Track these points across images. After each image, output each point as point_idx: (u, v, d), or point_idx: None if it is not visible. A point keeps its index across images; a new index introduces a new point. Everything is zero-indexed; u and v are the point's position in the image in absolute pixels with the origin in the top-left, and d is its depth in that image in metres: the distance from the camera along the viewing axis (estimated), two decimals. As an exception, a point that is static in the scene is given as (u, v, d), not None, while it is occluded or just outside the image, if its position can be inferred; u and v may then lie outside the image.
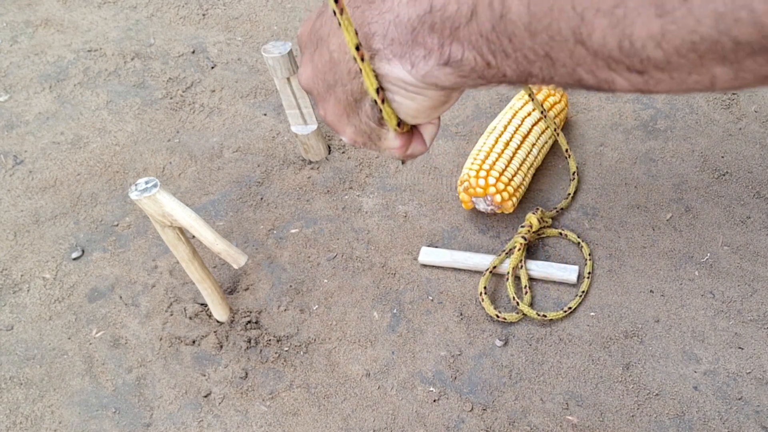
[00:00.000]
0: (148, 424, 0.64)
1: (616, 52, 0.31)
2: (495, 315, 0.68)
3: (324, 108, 0.46)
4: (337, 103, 0.45)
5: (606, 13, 0.30)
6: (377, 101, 0.41)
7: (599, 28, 0.31)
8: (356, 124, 0.45)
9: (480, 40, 0.36)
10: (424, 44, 0.38)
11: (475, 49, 0.36)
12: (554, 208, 0.76)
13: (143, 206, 0.56)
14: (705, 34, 0.28)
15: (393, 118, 0.43)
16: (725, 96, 0.88)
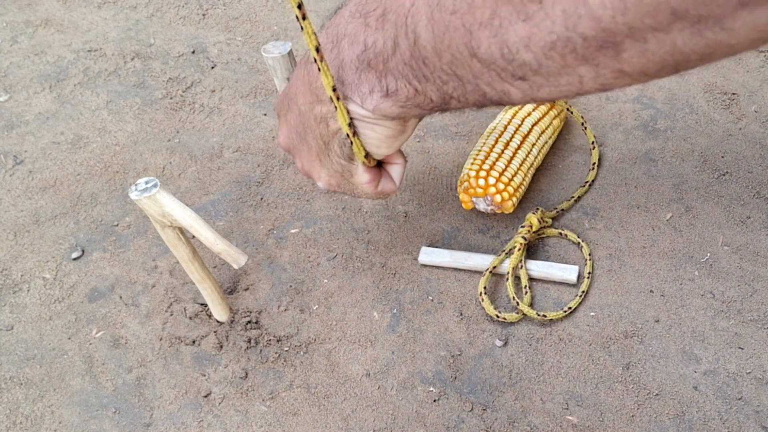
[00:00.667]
0: (148, 424, 0.64)
1: (500, 60, 0.36)
2: (495, 315, 0.68)
3: (300, 159, 0.52)
4: (310, 151, 0.50)
5: (486, 24, 0.35)
6: (348, 135, 0.46)
7: (484, 39, 0.36)
8: (328, 166, 0.50)
9: (405, 68, 0.41)
10: (367, 80, 0.43)
11: (403, 78, 0.42)
12: (555, 208, 0.76)
13: (143, 206, 0.56)
14: (560, 33, 0.32)
15: (361, 150, 0.47)
16: (725, 96, 0.88)
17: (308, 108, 0.47)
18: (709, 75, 0.91)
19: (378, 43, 0.42)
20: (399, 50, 0.41)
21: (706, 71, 0.91)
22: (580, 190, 0.78)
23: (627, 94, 0.90)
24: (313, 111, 0.47)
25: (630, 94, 0.90)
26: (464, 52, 0.38)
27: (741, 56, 0.93)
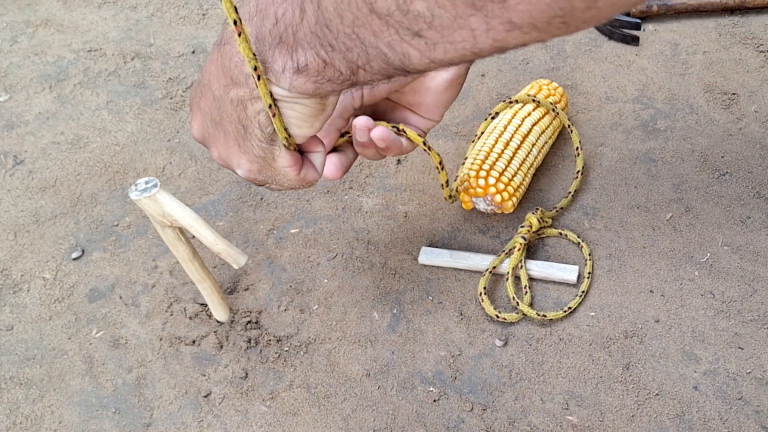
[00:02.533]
0: (148, 424, 0.64)
1: (397, 13, 0.36)
2: (495, 315, 0.68)
3: (216, 148, 0.49)
4: (227, 137, 0.48)
5: None
6: (269, 115, 0.45)
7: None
8: (249, 151, 0.48)
9: (312, 38, 0.40)
10: (280, 56, 0.42)
11: (311, 49, 0.41)
12: (554, 208, 0.76)
13: (143, 206, 0.56)
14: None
15: (282, 130, 0.46)
16: (725, 96, 0.88)
17: (223, 92, 0.45)
18: (709, 75, 0.91)
19: (287, 13, 0.41)
20: (306, 17, 0.40)
21: (706, 71, 0.91)
22: (575, 183, 0.78)
23: (627, 94, 0.90)
24: (229, 95, 0.45)
25: (630, 94, 0.90)
26: (363, 9, 0.37)
27: (741, 56, 0.93)
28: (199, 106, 0.49)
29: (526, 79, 0.92)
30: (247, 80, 0.44)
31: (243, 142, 0.48)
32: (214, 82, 0.46)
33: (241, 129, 0.47)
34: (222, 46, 0.45)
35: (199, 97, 0.48)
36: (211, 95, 0.47)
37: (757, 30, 0.96)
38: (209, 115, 0.48)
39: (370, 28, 0.38)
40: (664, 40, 0.96)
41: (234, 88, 0.45)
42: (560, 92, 0.83)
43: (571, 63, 0.94)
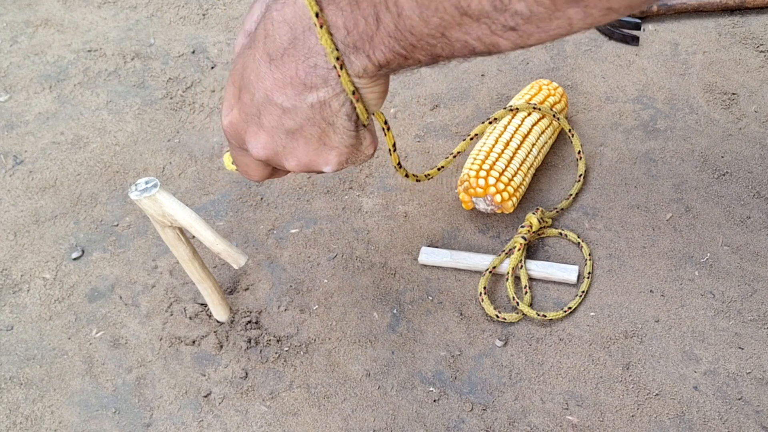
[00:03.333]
0: (148, 424, 0.64)
1: (493, 12, 0.38)
2: (495, 315, 0.68)
3: (295, 156, 0.49)
4: (308, 142, 0.48)
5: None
6: (353, 101, 0.46)
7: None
8: (338, 145, 0.48)
9: (391, 41, 0.42)
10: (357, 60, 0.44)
11: (391, 50, 0.42)
12: (554, 209, 0.76)
13: (143, 206, 0.56)
14: None
15: (364, 113, 0.47)
16: (725, 96, 0.88)
17: (298, 101, 0.45)
18: (709, 75, 0.91)
19: (359, 23, 0.42)
20: (382, 25, 0.41)
21: (706, 71, 0.92)
22: (576, 186, 0.78)
23: (627, 94, 0.90)
24: (306, 101, 0.45)
25: (630, 94, 0.90)
26: (454, 13, 0.39)
27: (741, 56, 0.93)
28: (260, 126, 0.48)
29: (526, 79, 0.92)
30: (326, 80, 0.44)
31: (330, 139, 0.48)
32: (277, 96, 0.46)
33: (326, 127, 0.47)
34: (275, 61, 0.45)
35: (256, 117, 0.47)
36: (278, 110, 0.46)
37: (757, 30, 0.96)
38: (279, 129, 0.47)
39: (459, 28, 0.40)
40: (664, 40, 0.96)
41: (311, 93, 0.45)
42: (560, 92, 0.83)
43: (571, 63, 0.94)
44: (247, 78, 0.47)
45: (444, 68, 0.95)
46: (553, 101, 0.81)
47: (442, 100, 0.91)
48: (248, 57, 0.46)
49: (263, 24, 0.45)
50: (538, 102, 0.80)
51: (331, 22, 0.43)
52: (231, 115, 0.49)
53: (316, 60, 0.44)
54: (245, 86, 0.47)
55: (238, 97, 0.48)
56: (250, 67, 0.46)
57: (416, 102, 0.91)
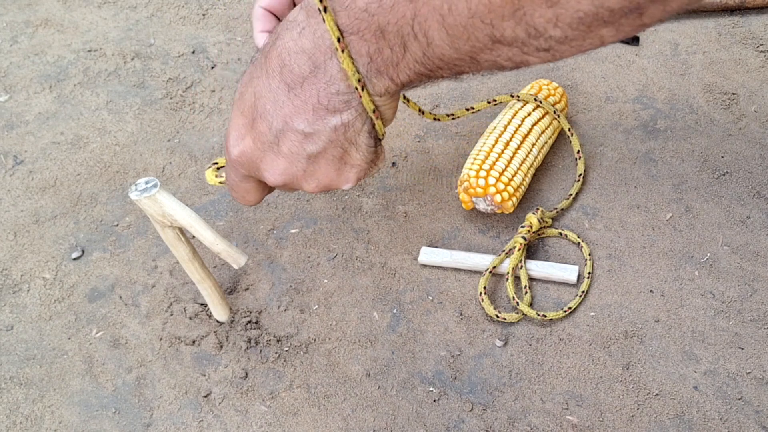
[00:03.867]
0: (148, 424, 0.64)
1: (526, 38, 0.39)
2: (495, 315, 0.68)
3: (315, 179, 0.50)
4: (329, 163, 0.49)
5: (510, 16, 0.38)
6: (374, 119, 0.47)
7: (509, 28, 0.38)
8: (359, 162, 0.49)
9: (417, 65, 0.43)
10: (380, 82, 0.45)
11: (415, 73, 0.44)
12: (554, 209, 0.76)
13: (143, 206, 0.56)
14: (587, 11, 0.36)
15: (382, 128, 0.49)
16: (725, 96, 0.88)
17: (321, 125, 0.46)
18: (709, 75, 0.91)
19: (384, 51, 0.43)
20: (409, 53, 0.42)
21: (706, 71, 0.92)
22: (576, 186, 0.78)
23: (627, 94, 0.90)
24: (329, 124, 0.46)
25: (630, 94, 0.90)
26: (486, 41, 0.40)
27: (741, 56, 0.93)
28: (278, 153, 0.48)
29: (526, 79, 0.92)
30: (348, 103, 0.45)
31: (351, 157, 0.49)
32: (298, 123, 0.46)
33: (348, 147, 0.48)
34: (294, 89, 0.45)
35: (275, 146, 0.48)
36: (299, 135, 0.47)
37: (757, 30, 0.96)
38: (300, 154, 0.48)
39: (491, 52, 0.41)
40: (664, 40, 0.96)
41: (334, 117, 0.46)
42: (560, 92, 0.83)
43: (571, 63, 0.94)
44: (262, 107, 0.47)
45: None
46: (553, 101, 0.81)
47: (442, 100, 0.91)
48: (262, 86, 0.46)
49: (276, 54, 0.45)
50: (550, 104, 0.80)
51: (353, 50, 0.43)
52: (243, 144, 0.49)
53: (338, 86, 0.44)
54: (261, 115, 0.47)
55: (250, 126, 0.48)
56: (266, 96, 0.46)
57: (416, 102, 0.91)
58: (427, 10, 0.40)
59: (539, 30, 0.38)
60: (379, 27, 0.42)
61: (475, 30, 0.39)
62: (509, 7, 0.37)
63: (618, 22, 0.36)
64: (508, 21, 0.38)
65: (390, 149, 0.85)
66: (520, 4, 0.37)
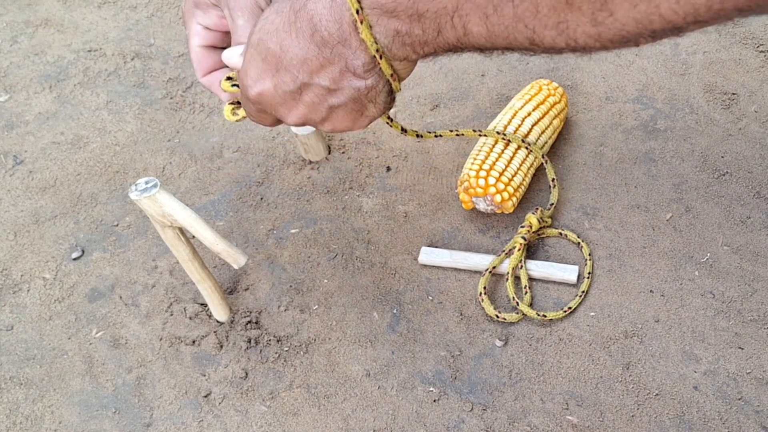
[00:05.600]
0: (148, 424, 0.64)
1: (564, 47, 0.41)
2: (495, 315, 0.68)
3: (331, 123, 0.53)
4: (348, 113, 0.52)
5: (553, 26, 0.40)
6: (391, 81, 0.49)
7: (549, 36, 0.40)
8: (374, 114, 0.52)
9: (446, 46, 0.45)
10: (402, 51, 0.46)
11: (442, 50, 0.46)
12: (551, 205, 0.76)
13: (143, 206, 0.56)
14: (630, 31, 0.38)
15: (398, 86, 0.51)
16: (725, 96, 0.88)
17: (345, 84, 0.49)
18: (709, 75, 0.91)
19: (415, 31, 0.44)
20: (442, 36, 0.44)
21: (706, 71, 0.91)
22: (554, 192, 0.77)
23: (627, 94, 0.90)
24: (354, 85, 0.48)
25: (630, 94, 0.90)
26: (524, 42, 0.41)
27: (741, 56, 0.93)
28: (298, 101, 0.51)
29: (526, 79, 0.92)
30: (371, 71, 0.47)
31: (368, 110, 0.51)
32: (324, 80, 0.49)
33: (368, 103, 0.51)
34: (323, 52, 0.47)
35: (297, 95, 0.50)
36: (323, 90, 0.49)
37: (757, 30, 0.96)
38: (321, 104, 0.51)
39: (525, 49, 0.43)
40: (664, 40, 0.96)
41: (359, 80, 0.48)
42: (560, 92, 0.83)
43: (571, 63, 0.94)
44: (288, 60, 0.49)
45: (444, 68, 0.95)
46: (553, 101, 0.81)
47: (442, 100, 0.91)
48: (290, 42, 0.48)
49: (308, 17, 0.47)
50: (538, 102, 0.80)
51: (382, 26, 0.45)
52: (262, 86, 0.51)
53: (363, 57, 0.46)
54: (286, 67, 0.49)
55: (272, 72, 0.50)
56: (293, 51, 0.48)
57: (416, 102, 0.91)
58: (471, 6, 0.41)
59: (579, 42, 0.39)
60: (417, 12, 0.43)
61: (516, 32, 0.41)
62: (554, 19, 0.39)
63: (658, 38, 0.39)
64: (550, 30, 0.40)
65: (390, 149, 0.85)
66: (565, 17, 0.38)
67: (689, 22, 0.37)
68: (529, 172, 0.77)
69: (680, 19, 0.37)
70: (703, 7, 0.36)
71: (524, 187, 0.76)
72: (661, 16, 0.37)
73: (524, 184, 0.75)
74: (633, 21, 0.37)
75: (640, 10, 0.37)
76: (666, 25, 0.37)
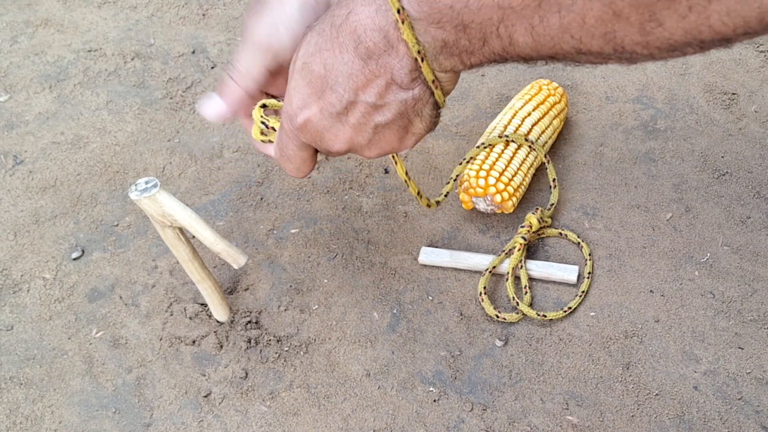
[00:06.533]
0: (148, 424, 0.64)
1: (612, 53, 0.41)
2: (495, 315, 0.68)
3: (378, 147, 0.52)
4: (393, 132, 0.51)
5: (600, 36, 0.40)
6: (433, 90, 0.48)
7: (596, 45, 0.40)
8: (420, 131, 0.52)
9: (492, 56, 0.45)
10: (448, 62, 0.46)
11: (488, 60, 0.46)
12: (551, 205, 0.76)
13: (143, 206, 0.56)
14: (678, 40, 0.38)
15: (442, 98, 0.50)
16: (725, 96, 0.88)
17: (392, 98, 0.48)
18: (709, 75, 0.91)
19: (461, 41, 0.44)
20: (488, 46, 0.44)
21: (706, 71, 0.91)
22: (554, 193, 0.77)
23: (627, 94, 0.90)
24: (400, 97, 0.48)
25: (630, 94, 0.90)
26: (570, 51, 0.41)
27: (741, 56, 0.93)
28: (344, 123, 0.50)
29: (526, 79, 0.92)
30: (416, 80, 0.47)
31: (415, 126, 0.51)
32: (369, 95, 0.48)
33: (414, 117, 0.50)
34: (369, 64, 0.46)
35: (343, 116, 0.50)
36: (369, 107, 0.49)
37: (757, 30, 0.96)
38: (368, 124, 0.50)
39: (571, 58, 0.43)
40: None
41: (406, 92, 0.48)
42: (560, 92, 0.83)
43: (571, 63, 0.94)
44: (333, 79, 0.48)
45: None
46: (553, 101, 0.81)
47: (442, 100, 0.91)
48: (334, 59, 0.47)
49: (351, 29, 0.46)
50: (538, 102, 0.80)
51: (429, 36, 0.44)
52: (309, 113, 0.50)
53: (409, 64, 0.46)
54: (331, 87, 0.48)
55: (317, 96, 0.49)
56: (338, 69, 0.47)
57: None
58: (516, 17, 0.41)
59: (627, 49, 0.39)
60: (462, 22, 0.43)
61: (562, 42, 0.41)
62: (601, 29, 0.39)
63: (707, 48, 0.39)
64: (597, 40, 0.40)
65: (390, 149, 0.85)
66: (613, 27, 0.38)
67: (739, 34, 0.37)
68: (529, 172, 0.77)
69: (730, 30, 0.37)
70: (754, 19, 0.36)
71: (524, 187, 0.76)
72: (711, 27, 0.37)
73: (524, 184, 0.75)
74: (682, 31, 0.37)
75: (690, 21, 0.37)
76: (715, 36, 0.37)
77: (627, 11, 0.37)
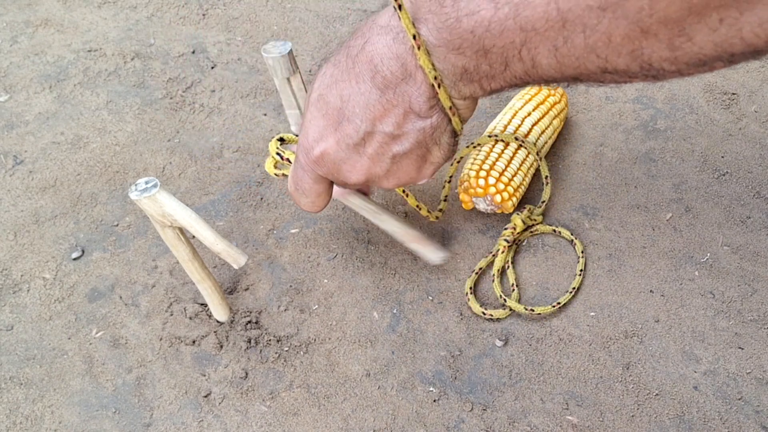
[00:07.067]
0: (148, 424, 0.64)
1: (638, 71, 0.39)
2: (482, 312, 0.68)
3: (396, 177, 0.52)
4: (411, 162, 0.50)
5: (627, 54, 0.38)
6: (450, 117, 0.48)
7: (623, 63, 0.39)
8: (438, 159, 0.51)
9: (514, 80, 0.44)
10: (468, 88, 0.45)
11: (509, 84, 0.45)
12: (542, 202, 0.76)
13: (143, 206, 0.56)
14: (708, 54, 0.37)
15: (459, 125, 0.50)
16: (725, 96, 0.88)
17: (409, 128, 0.47)
18: (709, 75, 0.91)
19: (482, 67, 0.43)
20: (510, 70, 0.43)
21: (706, 71, 0.91)
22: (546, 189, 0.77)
23: (627, 94, 0.90)
24: (418, 126, 0.47)
25: (630, 94, 0.90)
26: (595, 70, 0.40)
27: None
28: (362, 154, 0.49)
29: (526, 79, 0.92)
30: (434, 108, 0.46)
31: (433, 155, 0.50)
32: (387, 126, 0.47)
33: (432, 146, 0.49)
34: (386, 94, 0.46)
35: (361, 147, 0.49)
36: (386, 137, 0.48)
37: (757, 30, 0.96)
38: (385, 155, 0.49)
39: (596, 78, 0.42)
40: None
41: (424, 120, 0.47)
42: (560, 92, 0.83)
43: (571, 63, 0.94)
44: (350, 110, 0.47)
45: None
46: (553, 101, 0.81)
47: (442, 100, 0.91)
48: (350, 89, 0.47)
49: (367, 59, 0.46)
50: (538, 102, 0.80)
51: (448, 63, 0.44)
52: (326, 145, 0.50)
53: (427, 91, 0.45)
54: (348, 118, 0.48)
55: (334, 128, 0.49)
56: (355, 99, 0.47)
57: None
58: (540, 39, 0.40)
59: (654, 66, 0.38)
60: (483, 48, 0.42)
61: (587, 62, 0.40)
62: (628, 47, 0.38)
63: (736, 62, 0.38)
64: (624, 58, 0.38)
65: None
66: (640, 45, 0.37)
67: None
68: (529, 172, 0.77)
69: (762, 42, 0.35)
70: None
71: (524, 187, 0.76)
72: (743, 39, 0.35)
73: (524, 184, 0.75)
74: (712, 45, 0.36)
75: (721, 34, 0.36)
76: (746, 48, 0.36)
77: (655, 28, 0.36)
